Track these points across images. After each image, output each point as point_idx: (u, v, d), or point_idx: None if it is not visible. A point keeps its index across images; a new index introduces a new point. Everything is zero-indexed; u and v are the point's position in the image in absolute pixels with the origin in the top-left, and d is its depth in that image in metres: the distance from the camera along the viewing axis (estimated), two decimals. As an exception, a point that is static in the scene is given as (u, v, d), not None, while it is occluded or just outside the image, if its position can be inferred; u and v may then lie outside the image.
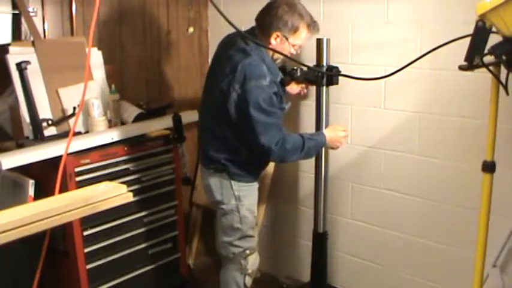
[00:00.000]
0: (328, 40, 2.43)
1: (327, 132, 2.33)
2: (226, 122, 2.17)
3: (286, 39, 2.15)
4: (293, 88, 2.57)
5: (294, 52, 2.22)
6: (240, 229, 2.31)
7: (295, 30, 2.14)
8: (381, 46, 2.44)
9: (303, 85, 2.60)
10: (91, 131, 2.49)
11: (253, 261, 2.39)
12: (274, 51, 2.13)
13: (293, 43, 2.17)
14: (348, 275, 2.79)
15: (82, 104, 1.72)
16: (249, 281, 2.40)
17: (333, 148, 2.38)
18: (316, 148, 2.28)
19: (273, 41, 2.16)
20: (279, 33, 2.14)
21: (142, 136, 2.58)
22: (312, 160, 2.58)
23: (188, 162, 2.85)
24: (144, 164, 2.58)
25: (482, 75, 1.79)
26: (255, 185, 2.36)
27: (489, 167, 1.74)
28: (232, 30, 2.04)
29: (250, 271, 2.38)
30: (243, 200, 2.29)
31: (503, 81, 1.65)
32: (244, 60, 2.11)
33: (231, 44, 2.22)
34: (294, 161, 2.30)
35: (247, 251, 2.35)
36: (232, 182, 2.27)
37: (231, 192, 2.28)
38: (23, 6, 2.38)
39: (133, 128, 2.57)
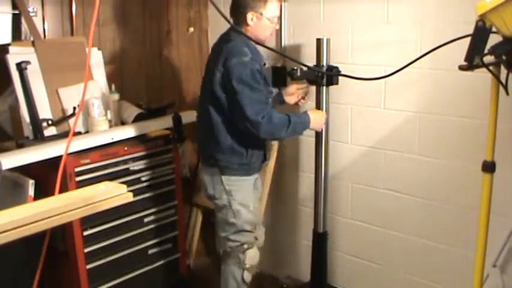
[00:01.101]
0: (328, 40, 2.43)
1: (311, 114, 2.35)
2: (214, 109, 2.23)
3: (261, 14, 2.20)
4: (291, 98, 2.57)
5: (276, 26, 2.28)
6: (235, 224, 2.33)
7: (264, 2, 2.19)
8: (381, 46, 2.44)
9: (301, 94, 2.57)
10: (91, 131, 2.49)
11: (252, 256, 2.38)
12: (257, 43, 2.18)
13: (269, 16, 2.22)
14: (348, 275, 2.79)
15: (82, 104, 1.72)
16: (247, 276, 2.41)
17: (316, 129, 2.41)
18: (302, 126, 2.30)
19: (250, 22, 2.21)
20: (252, 12, 2.20)
21: (143, 136, 2.58)
22: (312, 160, 2.58)
23: (188, 162, 2.86)
24: (144, 164, 2.58)
25: (482, 75, 1.79)
26: (248, 180, 2.35)
27: (489, 167, 1.74)
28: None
29: (248, 266, 2.38)
30: (234, 194, 2.30)
31: (503, 81, 1.64)
32: (227, 44, 2.21)
33: (218, 41, 2.32)
34: (282, 138, 2.32)
35: (245, 246, 2.35)
36: (223, 176, 2.29)
37: (222, 187, 2.31)
38: (23, 6, 2.38)
39: (133, 128, 2.57)
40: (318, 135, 2.52)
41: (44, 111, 2.41)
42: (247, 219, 2.34)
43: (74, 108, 2.44)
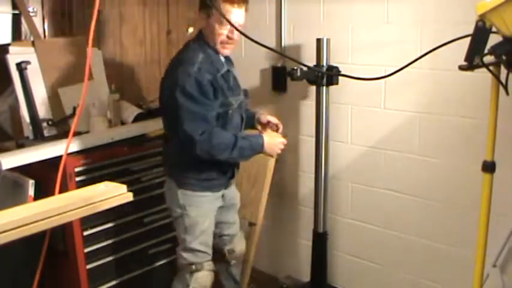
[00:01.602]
0: (328, 40, 2.43)
1: (266, 137, 2.19)
2: (166, 121, 2.20)
3: (208, 16, 2.04)
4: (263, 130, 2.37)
5: (234, 35, 2.07)
6: (185, 240, 2.22)
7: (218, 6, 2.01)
8: (381, 46, 2.44)
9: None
10: (91, 131, 2.49)
11: (198, 280, 2.24)
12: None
13: (220, 20, 2.02)
14: (348, 275, 2.79)
15: (82, 104, 1.72)
16: None
17: (270, 155, 2.29)
18: (251, 149, 2.13)
19: (202, 22, 2.10)
20: (200, 16, 2.10)
21: (142, 136, 2.58)
22: (312, 160, 2.58)
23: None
24: (144, 164, 2.58)
25: (482, 75, 1.79)
26: (208, 196, 2.21)
27: (489, 167, 1.74)
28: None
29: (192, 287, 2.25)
30: (188, 209, 2.18)
31: (503, 81, 1.64)
32: (181, 51, 2.14)
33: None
34: (226, 159, 2.08)
35: (193, 266, 2.23)
36: (178, 190, 2.18)
37: (177, 199, 2.20)
38: (23, 6, 2.38)
39: (133, 128, 2.57)
40: (318, 135, 2.52)
41: (44, 111, 2.41)
42: (199, 240, 2.22)
43: (74, 108, 2.44)
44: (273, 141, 2.21)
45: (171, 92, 2.02)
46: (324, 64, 2.44)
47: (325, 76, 2.43)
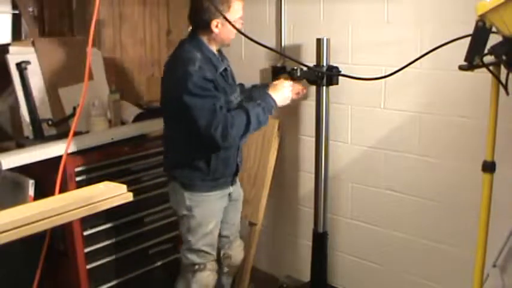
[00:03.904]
0: (328, 40, 2.43)
1: (271, 92, 2.20)
2: (169, 122, 2.18)
3: (226, 19, 2.06)
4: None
5: (240, 26, 2.13)
6: (189, 240, 2.23)
7: (228, 6, 2.07)
8: (380, 46, 2.44)
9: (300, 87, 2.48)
10: (91, 131, 2.49)
11: (201, 280, 2.25)
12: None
13: (233, 19, 2.08)
14: (348, 275, 2.79)
15: (82, 104, 1.72)
16: None
17: (284, 104, 2.28)
18: (266, 113, 2.14)
19: (215, 29, 2.10)
20: (216, 20, 2.08)
21: (142, 136, 2.58)
22: (312, 160, 2.58)
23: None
24: (144, 164, 2.58)
25: (482, 75, 1.79)
26: (213, 195, 2.22)
27: (489, 167, 1.74)
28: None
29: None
30: (194, 211, 2.19)
31: (503, 81, 1.64)
32: (177, 51, 2.15)
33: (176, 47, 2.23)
34: (244, 137, 2.12)
35: (196, 267, 2.24)
36: (185, 191, 2.19)
37: (183, 201, 2.20)
38: (23, 6, 2.38)
39: (133, 128, 2.57)
40: (318, 135, 2.52)
41: (44, 111, 2.41)
42: (203, 241, 2.23)
43: (74, 108, 2.44)
44: (280, 91, 2.22)
45: (175, 93, 2.03)
46: (324, 64, 2.44)
47: (325, 76, 2.43)
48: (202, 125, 1.99)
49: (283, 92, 2.24)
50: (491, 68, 1.61)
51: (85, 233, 2.35)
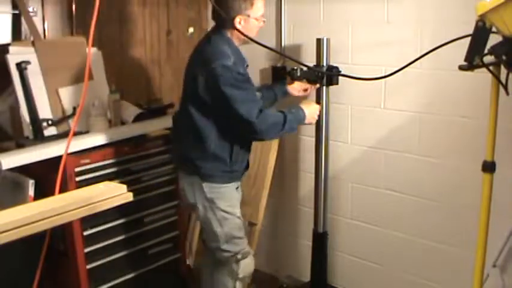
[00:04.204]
0: (328, 40, 2.43)
1: (305, 108, 2.29)
2: (199, 113, 2.17)
3: (248, 16, 2.13)
4: (295, 88, 2.53)
5: (262, 24, 2.21)
6: (222, 232, 2.24)
7: (251, 4, 2.13)
8: (381, 46, 2.44)
9: (307, 86, 2.52)
10: (91, 131, 2.49)
11: (245, 266, 2.30)
12: (244, 35, 2.14)
13: (256, 17, 2.16)
14: (348, 275, 2.79)
15: (82, 104, 1.72)
16: (239, 286, 2.32)
17: (310, 123, 2.36)
18: (297, 121, 2.24)
19: (238, 25, 2.14)
20: (239, 16, 2.13)
21: (143, 136, 2.58)
22: (312, 160, 2.58)
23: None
24: (144, 164, 2.58)
25: (482, 75, 1.79)
26: (231, 186, 2.26)
27: (489, 167, 1.74)
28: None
29: (241, 276, 2.29)
30: (217, 202, 2.21)
31: (503, 81, 1.65)
32: (208, 46, 2.17)
33: (200, 42, 2.27)
34: (278, 136, 2.27)
35: (239, 255, 2.27)
36: (204, 184, 2.20)
37: (203, 195, 2.21)
38: (23, 6, 2.38)
39: (133, 128, 2.57)
40: (318, 135, 2.52)
41: (44, 111, 2.41)
42: (235, 226, 2.26)
43: (74, 108, 2.44)
44: (311, 110, 2.32)
45: (212, 86, 2.08)
46: (324, 64, 2.44)
47: (325, 76, 2.43)
48: (244, 112, 2.06)
49: (314, 111, 2.34)
50: (491, 68, 1.61)
51: (85, 233, 2.35)
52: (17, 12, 2.37)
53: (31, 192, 2.20)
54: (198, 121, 2.17)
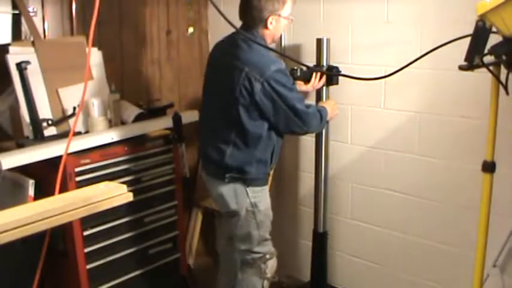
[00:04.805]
0: (328, 40, 2.43)
1: (325, 105, 2.36)
2: (251, 119, 2.13)
3: (279, 16, 2.16)
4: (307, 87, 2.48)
5: (290, 23, 2.26)
6: (258, 235, 2.28)
7: (283, 3, 2.15)
8: (381, 46, 2.44)
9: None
10: (91, 131, 2.49)
11: (272, 266, 2.37)
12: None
13: (285, 16, 2.19)
14: (348, 275, 2.79)
15: (82, 104, 1.72)
16: (267, 285, 2.37)
17: (331, 119, 2.41)
18: (326, 116, 2.30)
19: (270, 26, 2.16)
20: (272, 16, 2.14)
21: (143, 136, 2.58)
22: (312, 160, 2.58)
23: (187, 162, 2.85)
24: (144, 164, 2.58)
25: (482, 75, 1.80)
26: (266, 188, 2.32)
27: (489, 167, 1.74)
28: (232, 30, 2.06)
29: (269, 275, 2.35)
30: (259, 205, 2.25)
31: (503, 81, 1.64)
32: (251, 53, 2.13)
33: (229, 45, 2.21)
34: (319, 129, 2.36)
35: (267, 256, 2.32)
36: (248, 189, 2.22)
37: (247, 200, 2.22)
38: (23, 6, 2.38)
39: (133, 128, 2.57)
40: (318, 135, 2.53)
41: (44, 111, 2.40)
42: (268, 228, 2.33)
43: (74, 108, 2.44)
44: (332, 107, 2.39)
45: (271, 91, 2.09)
46: (324, 64, 2.44)
47: (325, 76, 2.43)
48: (300, 107, 2.14)
49: (334, 110, 2.40)
50: (491, 68, 1.61)
51: (85, 233, 2.35)
52: (17, 12, 2.37)
53: (31, 192, 2.20)
54: (249, 127, 2.13)
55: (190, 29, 3.13)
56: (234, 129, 2.15)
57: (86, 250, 2.36)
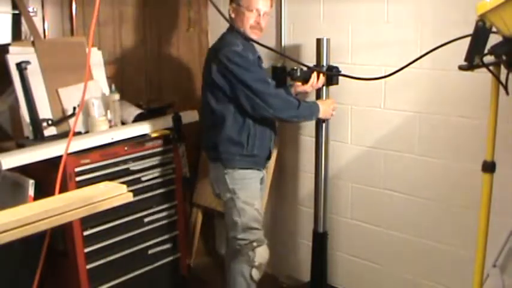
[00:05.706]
0: (328, 40, 2.43)
1: (319, 103, 2.40)
2: (214, 99, 2.31)
3: (238, 5, 2.29)
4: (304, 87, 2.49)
5: (258, 18, 2.29)
6: (240, 222, 2.34)
7: None
8: (381, 46, 2.44)
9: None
10: (91, 131, 2.49)
11: (261, 253, 2.38)
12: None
13: (246, 6, 2.27)
14: (348, 275, 2.79)
15: (82, 104, 1.73)
16: (256, 273, 2.40)
17: (324, 118, 2.44)
18: (310, 111, 2.34)
19: (232, 15, 2.33)
20: (232, 6, 2.32)
21: (143, 136, 2.58)
22: (312, 160, 2.58)
23: (187, 162, 2.85)
24: (144, 164, 2.58)
25: (482, 75, 1.79)
26: (254, 177, 2.38)
27: (489, 167, 1.74)
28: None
29: (257, 263, 2.38)
30: (238, 192, 2.33)
31: (503, 81, 1.64)
32: (219, 41, 2.35)
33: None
34: (292, 117, 2.32)
35: (254, 243, 2.35)
36: (226, 172, 2.33)
37: (226, 186, 2.34)
38: (23, 6, 2.38)
39: (133, 128, 2.57)
40: (318, 135, 2.53)
41: (44, 111, 2.41)
42: (252, 217, 2.35)
43: (74, 108, 2.44)
44: (326, 106, 2.41)
45: (225, 70, 2.22)
46: (324, 64, 2.44)
47: (325, 76, 2.43)
48: (258, 87, 2.20)
49: (329, 109, 2.42)
50: (491, 68, 1.61)
51: (85, 233, 2.35)
52: (17, 12, 2.37)
53: (31, 192, 2.20)
54: (214, 106, 2.31)
55: (191, 29, 3.13)
56: (208, 112, 2.35)
57: (86, 250, 2.36)
